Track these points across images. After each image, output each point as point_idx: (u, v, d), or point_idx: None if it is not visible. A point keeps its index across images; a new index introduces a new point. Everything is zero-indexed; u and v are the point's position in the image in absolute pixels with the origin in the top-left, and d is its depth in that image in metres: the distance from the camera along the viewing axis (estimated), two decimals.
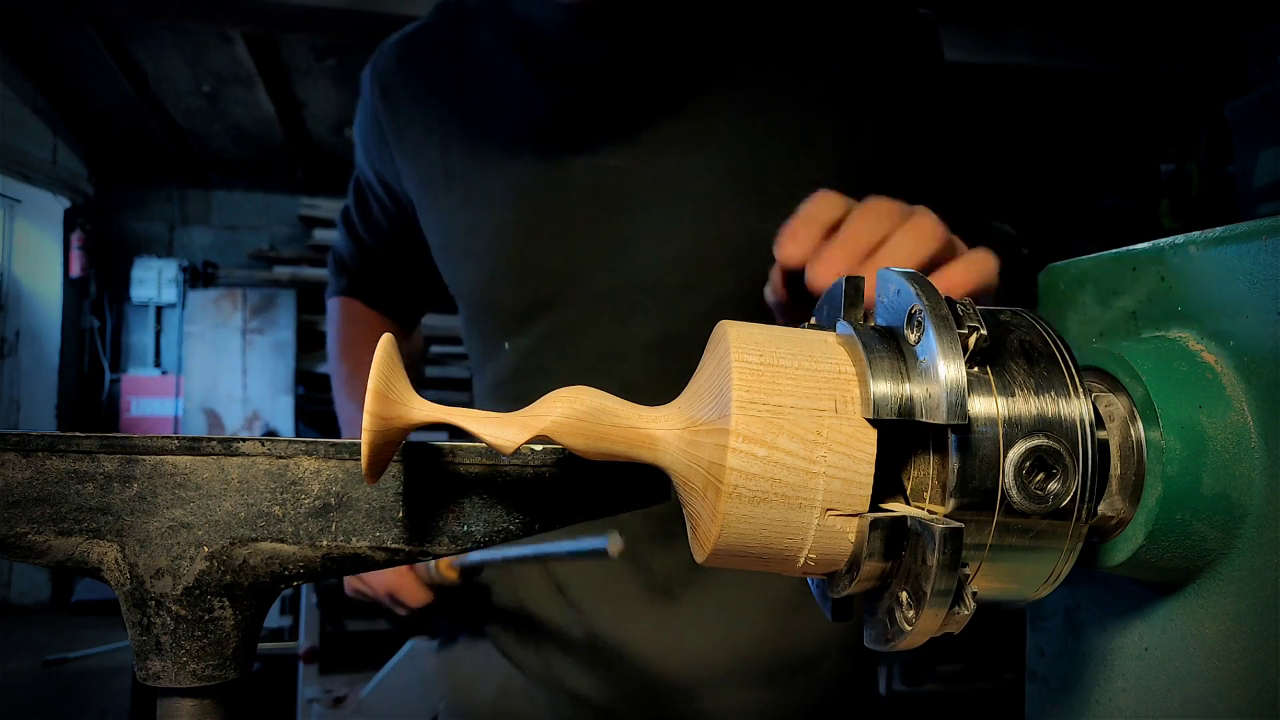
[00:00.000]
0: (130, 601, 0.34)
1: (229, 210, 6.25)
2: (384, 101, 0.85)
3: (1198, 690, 0.33)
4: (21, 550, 0.34)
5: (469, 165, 0.79)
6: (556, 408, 0.33)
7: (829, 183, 0.74)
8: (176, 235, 6.18)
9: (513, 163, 0.77)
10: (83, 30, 4.28)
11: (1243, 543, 0.31)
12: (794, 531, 0.31)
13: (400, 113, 0.84)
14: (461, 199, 0.80)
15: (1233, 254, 0.32)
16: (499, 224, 0.78)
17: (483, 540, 0.37)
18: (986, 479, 0.29)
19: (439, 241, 0.84)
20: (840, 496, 0.30)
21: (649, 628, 0.79)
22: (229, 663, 0.34)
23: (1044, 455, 0.29)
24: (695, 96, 0.74)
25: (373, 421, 0.30)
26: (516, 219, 0.77)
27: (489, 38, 0.81)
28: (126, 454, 0.34)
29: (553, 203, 0.76)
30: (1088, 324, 0.40)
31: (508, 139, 0.78)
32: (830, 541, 0.31)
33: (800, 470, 0.30)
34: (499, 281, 0.79)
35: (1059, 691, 0.40)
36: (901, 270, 0.33)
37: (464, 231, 0.80)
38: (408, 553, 0.36)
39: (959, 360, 0.29)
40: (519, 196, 0.77)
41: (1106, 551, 0.34)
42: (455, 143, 0.80)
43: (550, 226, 0.76)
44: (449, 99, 0.81)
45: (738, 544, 0.31)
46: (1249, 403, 0.31)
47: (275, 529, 0.34)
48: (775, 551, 0.32)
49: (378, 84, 0.86)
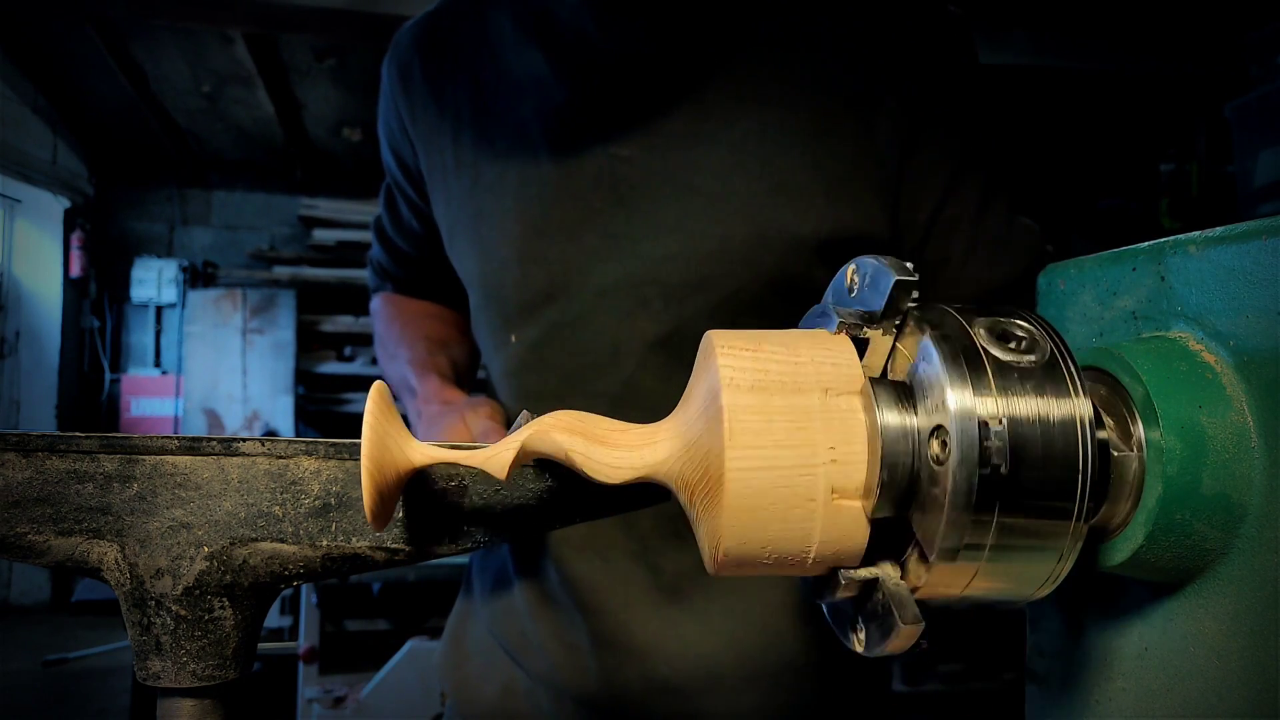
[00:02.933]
0: (130, 601, 0.34)
1: (229, 210, 6.25)
2: (401, 84, 0.85)
3: (1198, 690, 0.33)
4: (21, 550, 0.34)
5: (479, 151, 0.79)
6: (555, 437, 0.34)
7: (845, 181, 0.74)
8: (176, 235, 6.18)
9: (522, 150, 0.77)
10: (83, 30, 4.28)
11: (1243, 543, 0.31)
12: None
13: (416, 95, 0.84)
14: (470, 184, 0.79)
15: (1233, 254, 0.32)
16: (505, 211, 0.77)
17: (483, 540, 0.37)
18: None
19: (448, 226, 0.84)
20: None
21: (656, 628, 0.79)
22: (229, 663, 0.34)
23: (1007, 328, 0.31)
24: (710, 90, 0.73)
25: (371, 465, 0.31)
26: (523, 207, 0.76)
27: (507, 22, 0.81)
28: (126, 454, 0.34)
29: (559, 193, 0.75)
30: (1088, 324, 0.40)
31: (518, 125, 0.78)
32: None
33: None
34: (504, 270, 0.78)
35: (1059, 691, 0.40)
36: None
37: (471, 217, 0.80)
38: (408, 553, 0.36)
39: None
40: (526, 184, 0.76)
41: (1106, 551, 0.34)
42: (467, 127, 0.80)
43: (556, 217, 0.75)
44: (464, 83, 0.81)
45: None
46: (1249, 403, 0.31)
47: (275, 529, 0.34)
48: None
49: (396, 67, 0.86)
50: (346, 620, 3.63)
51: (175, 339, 5.91)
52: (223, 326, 5.77)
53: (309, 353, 5.88)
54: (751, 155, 0.72)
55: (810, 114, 0.73)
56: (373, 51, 4.27)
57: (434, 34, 0.85)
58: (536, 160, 0.76)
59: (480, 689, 0.88)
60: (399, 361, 0.92)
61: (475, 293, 0.84)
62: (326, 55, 4.56)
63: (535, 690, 0.85)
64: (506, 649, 0.87)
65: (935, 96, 0.74)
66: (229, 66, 4.65)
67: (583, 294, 0.76)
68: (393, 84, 0.87)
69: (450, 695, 0.92)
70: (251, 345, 5.76)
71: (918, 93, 0.74)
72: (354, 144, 5.62)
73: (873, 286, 0.34)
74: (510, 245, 0.77)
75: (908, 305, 0.33)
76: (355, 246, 5.88)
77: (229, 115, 5.33)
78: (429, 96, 0.83)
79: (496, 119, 0.79)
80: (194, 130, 5.60)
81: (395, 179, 0.93)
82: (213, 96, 5.07)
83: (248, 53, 4.41)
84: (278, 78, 4.82)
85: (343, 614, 3.60)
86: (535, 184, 0.76)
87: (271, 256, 6.06)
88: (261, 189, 6.21)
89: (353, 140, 5.57)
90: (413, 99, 0.84)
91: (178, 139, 5.71)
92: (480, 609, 0.90)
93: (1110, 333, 0.38)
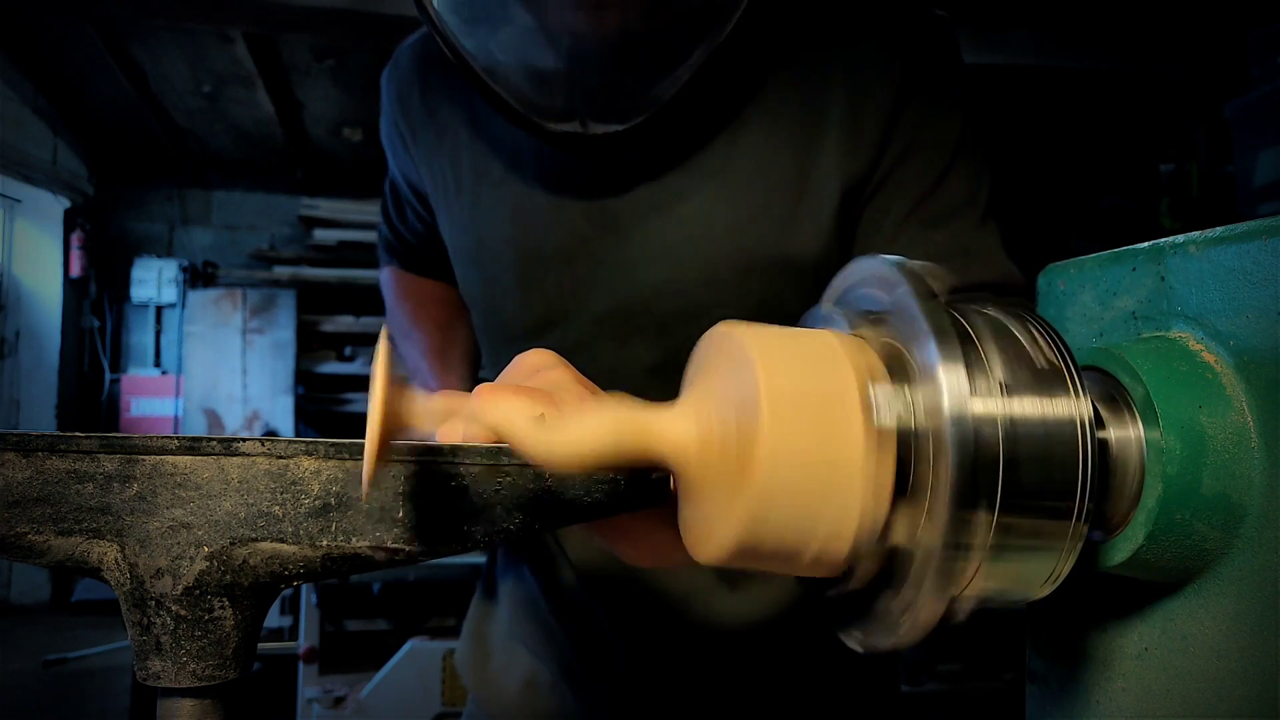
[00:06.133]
0: (130, 601, 0.34)
1: (229, 210, 6.25)
2: (400, 106, 0.86)
3: (1198, 690, 0.33)
4: (21, 550, 0.34)
5: (477, 176, 0.79)
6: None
7: (830, 202, 0.73)
8: (176, 235, 6.18)
9: (517, 177, 0.77)
10: (83, 30, 4.28)
11: (1243, 543, 0.31)
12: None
13: (416, 117, 0.84)
14: (470, 210, 0.80)
15: (1233, 254, 0.32)
16: (504, 239, 0.78)
17: (483, 540, 0.37)
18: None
19: (452, 246, 0.84)
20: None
21: (677, 623, 0.80)
22: (229, 663, 0.34)
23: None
24: (695, 120, 0.73)
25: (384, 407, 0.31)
26: (520, 235, 0.77)
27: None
28: (126, 454, 0.34)
29: (553, 221, 0.76)
30: (1088, 324, 0.40)
31: (513, 152, 0.78)
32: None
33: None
34: (505, 296, 0.79)
35: (1059, 691, 0.40)
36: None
37: (474, 242, 0.80)
38: (408, 553, 0.36)
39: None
40: (522, 212, 0.77)
41: (1106, 551, 0.34)
42: (466, 151, 0.80)
43: (551, 245, 0.76)
44: (461, 105, 0.81)
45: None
46: (1249, 403, 0.31)
47: (275, 529, 0.34)
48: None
49: (395, 88, 0.86)
50: (346, 620, 3.63)
51: (175, 339, 5.92)
52: (223, 326, 5.77)
53: (309, 353, 5.88)
54: (737, 181, 0.72)
55: (794, 138, 0.72)
56: (373, 51, 4.28)
57: (431, 56, 0.85)
58: (530, 188, 0.76)
59: (503, 685, 0.90)
60: (413, 346, 0.94)
61: (478, 314, 0.85)
62: (326, 55, 4.57)
63: (558, 683, 0.86)
64: (528, 644, 0.88)
65: (923, 106, 0.72)
66: (229, 66, 4.65)
67: (580, 321, 0.76)
68: (392, 104, 0.87)
69: (473, 693, 0.93)
70: (251, 345, 5.76)
71: (904, 103, 0.71)
72: (354, 144, 5.62)
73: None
74: (510, 273, 0.78)
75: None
76: (355, 246, 5.88)
77: (229, 115, 5.34)
78: (428, 119, 0.83)
79: (493, 144, 0.79)
80: (194, 130, 5.60)
81: (400, 187, 0.93)
82: (213, 96, 5.07)
83: (248, 53, 4.42)
84: (278, 78, 4.83)
85: (343, 614, 3.60)
86: (530, 212, 0.76)
87: (271, 256, 6.06)
88: (261, 189, 6.22)
89: (353, 140, 5.58)
90: (412, 121, 0.84)
91: (178, 139, 5.72)
92: (501, 608, 0.92)
93: (1110, 333, 0.38)
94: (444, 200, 0.83)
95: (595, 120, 0.66)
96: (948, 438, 0.29)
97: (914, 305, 0.31)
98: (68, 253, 5.59)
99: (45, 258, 5.58)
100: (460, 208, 0.81)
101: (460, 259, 0.83)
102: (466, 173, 0.80)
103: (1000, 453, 0.29)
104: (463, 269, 0.83)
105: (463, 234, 0.81)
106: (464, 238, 0.81)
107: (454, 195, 0.81)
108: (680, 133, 0.72)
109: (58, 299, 5.62)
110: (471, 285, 0.83)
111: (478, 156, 0.79)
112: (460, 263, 0.83)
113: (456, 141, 0.81)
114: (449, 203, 0.82)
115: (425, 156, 0.84)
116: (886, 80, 0.71)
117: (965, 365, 0.30)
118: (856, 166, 0.71)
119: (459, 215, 0.81)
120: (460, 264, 0.83)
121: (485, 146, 0.79)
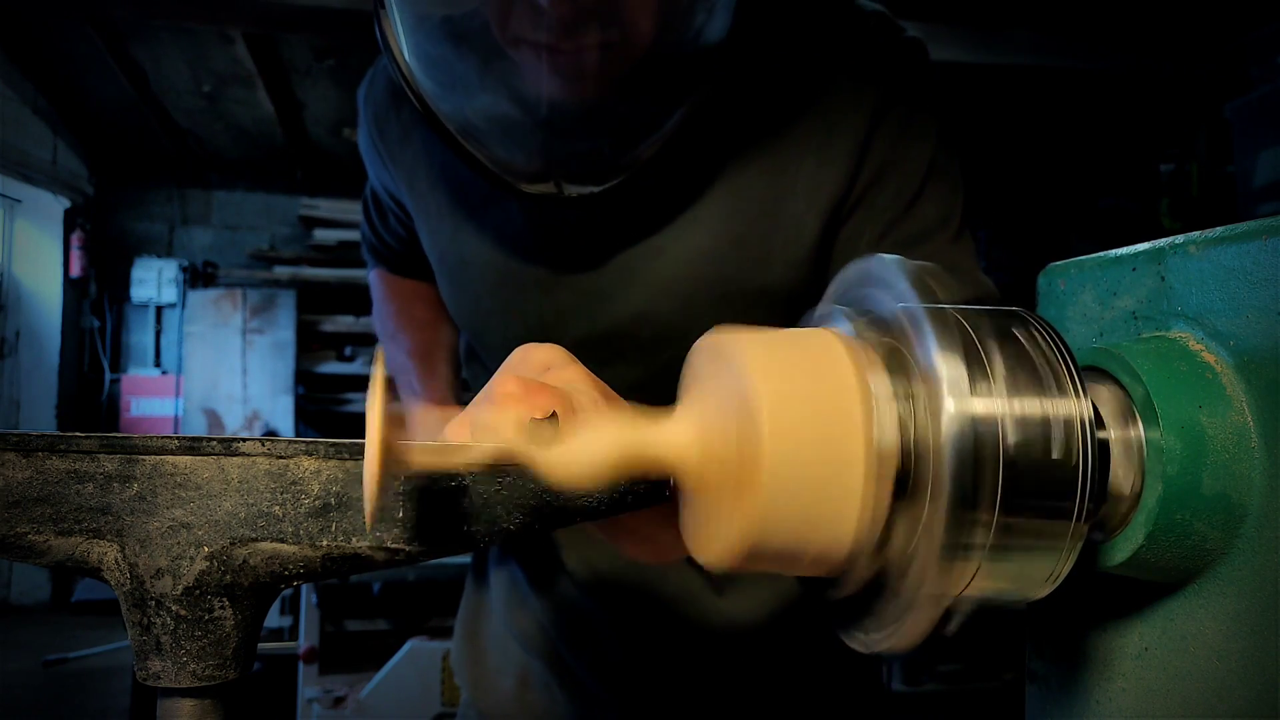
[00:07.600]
0: (130, 601, 0.34)
1: (229, 210, 6.25)
2: (377, 127, 0.85)
3: (1198, 690, 0.33)
4: (21, 550, 0.34)
5: (456, 200, 0.79)
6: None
7: (808, 230, 0.72)
8: (176, 235, 6.18)
9: (495, 207, 0.77)
10: (83, 30, 4.28)
11: (1243, 543, 0.31)
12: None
13: (392, 139, 0.84)
14: (451, 231, 0.80)
15: (1233, 254, 0.32)
16: (485, 264, 0.78)
17: (483, 540, 0.37)
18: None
19: (435, 264, 0.85)
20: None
21: (669, 621, 0.80)
22: (229, 663, 0.34)
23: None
24: (673, 154, 0.71)
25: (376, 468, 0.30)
26: (501, 260, 0.77)
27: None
28: (126, 454, 0.34)
29: (532, 249, 0.76)
30: (1088, 324, 0.40)
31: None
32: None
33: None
34: (488, 318, 0.80)
35: (1059, 691, 0.40)
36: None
37: (455, 264, 0.81)
38: (408, 553, 0.36)
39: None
40: (503, 239, 0.77)
41: (1106, 551, 0.34)
42: (445, 175, 0.80)
43: (531, 273, 0.76)
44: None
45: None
46: (1249, 403, 0.31)
47: (275, 529, 0.34)
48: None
49: (371, 110, 0.86)
50: (346, 620, 3.64)
51: (175, 339, 5.91)
52: (223, 326, 5.77)
53: (309, 353, 5.88)
54: (712, 212, 0.72)
55: (770, 167, 0.71)
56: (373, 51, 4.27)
57: None
58: (509, 215, 0.76)
59: (497, 682, 0.90)
60: (399, 347, 0.95)
61: (462, 325, 0.86)
62: (326, 55, 4.56)
63: (551, 681, 0.86)
64: (521, 642, 0.88)
65: (895, 130, 0.71)
66: (229, 66, 4.65)
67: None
68: (369, 124, 0.86)
69: (466, 691, 0.93)
70: (251, 345, 5.76)
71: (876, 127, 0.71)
72: (354, 144, 5.59)
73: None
74: (492, 296, 0.78)
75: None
76: (356, 246, 5.86)
77: (229, 115, 5.33)
78: (404, 142, 0.83)
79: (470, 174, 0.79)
80: (194, 130, 5.60)
81: (381, 196, 0.93)
82: (213, 96, 5.07)
83: (248, 53, 4.41)
84: (278, 78, 4.82)
85: (343, 614, 3.60)
86: (510, 239, 0.76)
87: (271, 256, 6.06)
88: (261, 189, 6.21)
89: (353, 140, 5.55)
90: (390, 143, 0.84)
91: (178, 139, 5.71)
92: (494, 605, 0.92)
93: (1110, 333, 0.38)
94: (425, 220, 0.83)
95: (570, 183, 0.66)
96: (948, 437, 0.29)
97: (915, 304, 0.31)
98: (68, 253, 5.59)
99: (45, 258, 5.57)
100: (442, 230, 0.81)
101: (444, 277, 0.83)
102: (445, 198, 0.80)
103: (1000, 453, 0.29)
104: (446, 286, 0.84)
105: (446, 254, 0.82)
106: (447, 258, 0.82)
107: (435, 217, 0.81)
108: (656, 184, 0.72)
109: (58, 299, 5.62)
110: (455, 302, 0.83)
111: (457, 182, 0.79)
112: (444, 279, 0.84)
113: (431, 164, 0.80)
114: (431, 224, 0.82)
115: (405, 176, 0.84)
116: (860, 107, 0.70)
117: (966, 365, 0.30)
118: (832, 190, 0.71)
119: (440, 237, 0.81)
120: (444, 280, 0.84)
121: (465, 172, 0.79)
